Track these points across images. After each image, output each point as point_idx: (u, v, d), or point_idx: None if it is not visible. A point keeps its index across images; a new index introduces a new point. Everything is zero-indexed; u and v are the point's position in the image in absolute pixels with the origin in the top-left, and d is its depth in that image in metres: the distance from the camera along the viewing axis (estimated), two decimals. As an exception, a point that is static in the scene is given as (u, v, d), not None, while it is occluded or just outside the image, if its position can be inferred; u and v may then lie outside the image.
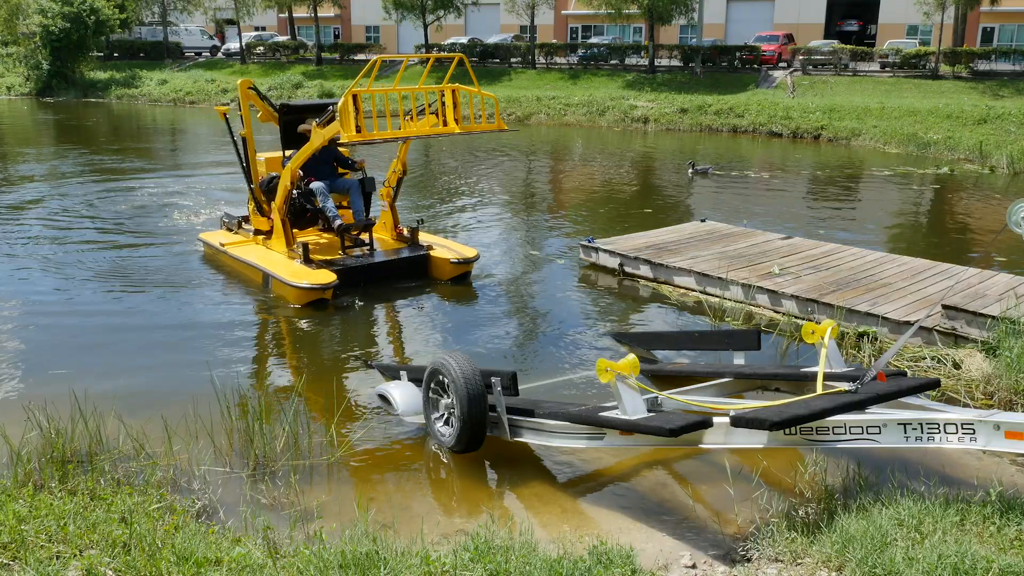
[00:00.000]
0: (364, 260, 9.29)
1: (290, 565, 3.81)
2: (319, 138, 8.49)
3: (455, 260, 9.48)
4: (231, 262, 9.89)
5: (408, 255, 9.58)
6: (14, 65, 46.13)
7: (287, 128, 9.77)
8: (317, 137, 8.51)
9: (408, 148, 9.92)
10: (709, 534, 4.60)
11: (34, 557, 3.75)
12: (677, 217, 13.73)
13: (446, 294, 9.25)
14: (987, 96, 28.92)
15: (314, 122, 8.57)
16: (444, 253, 9.59)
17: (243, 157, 9.90)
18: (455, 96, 8.52)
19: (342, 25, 60.27)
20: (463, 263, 9.55)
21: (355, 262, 9.19)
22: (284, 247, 9.41)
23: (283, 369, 7.11)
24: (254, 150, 9.85)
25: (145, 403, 6.15)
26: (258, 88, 9.64)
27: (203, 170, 19.24)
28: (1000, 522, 4.14)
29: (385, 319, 8.62)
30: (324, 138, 8.43)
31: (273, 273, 8.86)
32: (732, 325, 8.07)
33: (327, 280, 8.53)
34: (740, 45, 38.31)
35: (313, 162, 9.34)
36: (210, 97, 40.84)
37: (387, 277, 9.35)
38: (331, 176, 9.81)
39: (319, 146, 8.69)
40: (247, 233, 10.31)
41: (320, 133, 8.42)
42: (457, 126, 8.44)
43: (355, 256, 9.39)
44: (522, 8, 42.61)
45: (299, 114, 9.75)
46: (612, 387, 4.84)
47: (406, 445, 5.74)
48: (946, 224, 14.29)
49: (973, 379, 6.48)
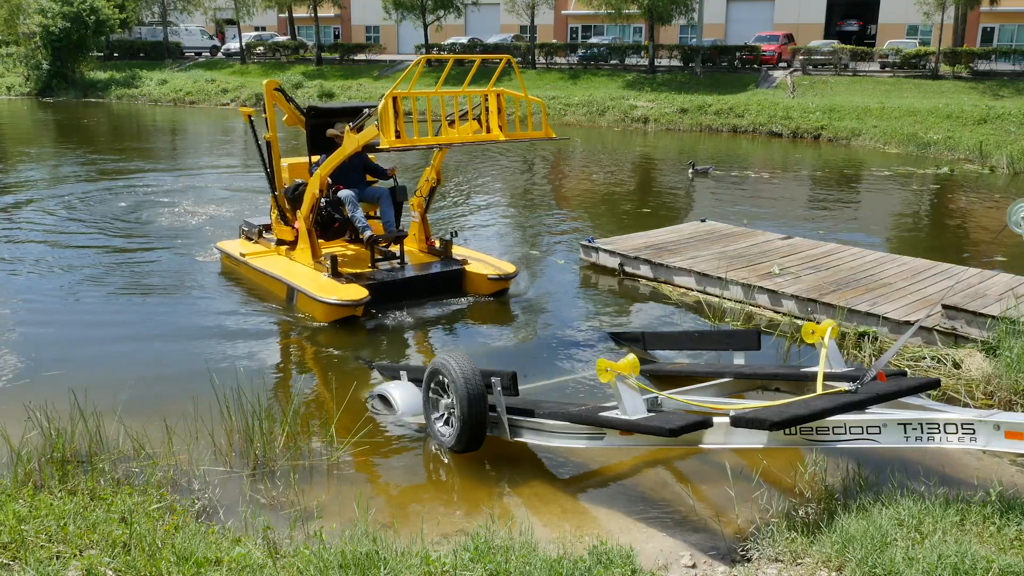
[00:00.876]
0: (396, 274, 8.71)
1: (290, 565, 3.81)
2: (352, 144, 7.93)
3: (493, 276, 8.83)
4: (251, 274, 9.32)
5: (443, 270, 8.98)
6: (14, 65, 46.13)
7: (314, 132, 9.21)
8: (350, 143, 7.95)
9: (444, 156, 9.32)
10: (709, 534, 4.60)
11: (34, 557, 3.75)
12: (677, 217, 13.74)
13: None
14: (987, 96, 28.92)
15: (347, 126, 8.05)
16: (481, 268, 8.96)
17: (267, 162, 9.26)
18: (500, 101, 7.98)
19: (342, 25, 60.28)
20: (501, 279, 8.87)
21: (386, 276, 8.60)
22: (309, 259, 8.82)
23: (283, 369, 7.11)
24: (279, 155, 9.24)
25: (145, 403, 6.15)
26: (284, 89, 9.10)
27: (203, 170, 19.23)
28: (1000, 522, 4.14)
29: (384, 320, 8.61)
30: (358, 144, 7.86)
31: (299, 287, 8.30)
32: (732, 325, 8.07)
33: (358, 296, 7.96)
34: (740, 45, 38.32)
35: (342, 169, 8.76)
36: (210, 97, 40.87)
37: (419, 293, 8.73)
38: (360, 184, 9.28)
39: (351, 152, 8.11)
40: (268, 243, 9.69)
41: (354, 138, 7.88)
42: (502, 133, 7.92)
43: (385, 270, 8.80)
44: (522, 8, 42.61)
45: (327, 118, 9.23)
46: (612, 387, 4.84)
47: (406, 445, 5.74)
48: (946, 224, 14.29)
49: (973, 379, 6.48)
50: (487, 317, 8.54)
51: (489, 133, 7.95)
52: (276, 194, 9.26)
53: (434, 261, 9.21)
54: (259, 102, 39.41)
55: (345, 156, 8.20)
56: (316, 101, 38.27)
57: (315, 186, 8.54)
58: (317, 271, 8.65)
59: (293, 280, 8.48)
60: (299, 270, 8.77)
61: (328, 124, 9.14)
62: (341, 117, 9.10)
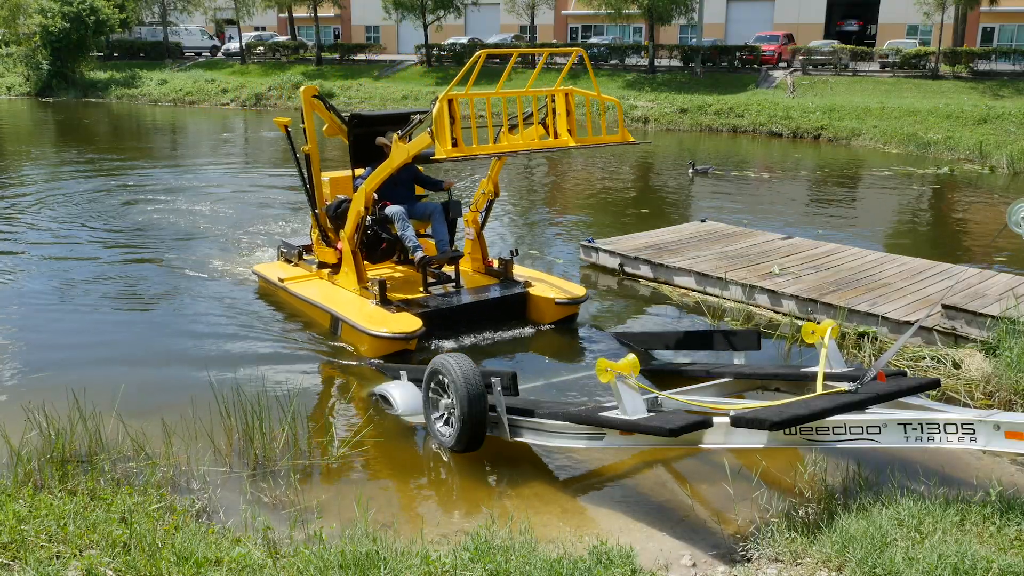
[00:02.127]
0: (452, 300, 7.80)
1: (290, 565, 3.81)
2: (401, 155, 7.08)
3: (561, 300, 7.88)
4: (291, 301, 8.43)
5: (503, 294, 8.02)
6: (14, 65, 46.13)
7: (357, 143, 8.34)
8: (399, 152, 7.09)
9: (503, 165, 8.46)
10: (709, 534, 4.61)
11: (34, 557, 3.75)
12: (677, 217, 13.74)
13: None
14: (987, 96, 28.92)
15: (395, 135, 7.21)
16: (546, 291, 8.02)
17: (306, 177, 8.38)
18: (569, 101, 7.09)
19: (342, 25, 60.28)
20: (570, 303, 7.94)
21: (442, 303, 7.72)
22: (355, 283, 7.92)
23: (283, 369, 7.11)
24: (319, 169, 8.36)
25: (145, 403, 6.15)
26: (323, 96, 8.24)
27: (203, 171, 19.24)
28: (1000, 522, 4.14)
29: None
30: (408, 154, 7.02)
31: (344, 317, 7.43)
32: (732, 325, 8.06)
33: (412, 328, 7.05)
34: (740, 45, 38.30)
35: (389, 183, 7.83)
36: (210, 97, 40.87)
37: (477, 320, 7.83)
38: (410, 199, 8.39)
39: (400, 164, 7.25)
40: (309, 266, 8.76)
41: (403, 148, 7.04)
42: (572, 138, 7.02)
43: (439, 295, 7.91)
44: (522, 8, 42.62)
45: (372, 126, 8.37)
46: (612, 387, 4.85)
47: (406, 445, 5.74)
48: (946, 224, 14.30)
49: (973, 379, 6.49)
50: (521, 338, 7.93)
51: (557, 138, 7.05)
52: (317, 212, 8.43)
53: (493, 284, 8.26)
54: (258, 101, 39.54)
55: (393, 168, 7.34)
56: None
57: (360, 202, 7.67)
58: (363, 298, 7.77)
59: (337, 309, 7.62)
60: (343, 297, 7.90)
61: (373, 133, 8.34)
62: (387, 125, 8.32)
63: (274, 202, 14.93)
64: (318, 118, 8.23)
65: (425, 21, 43.22)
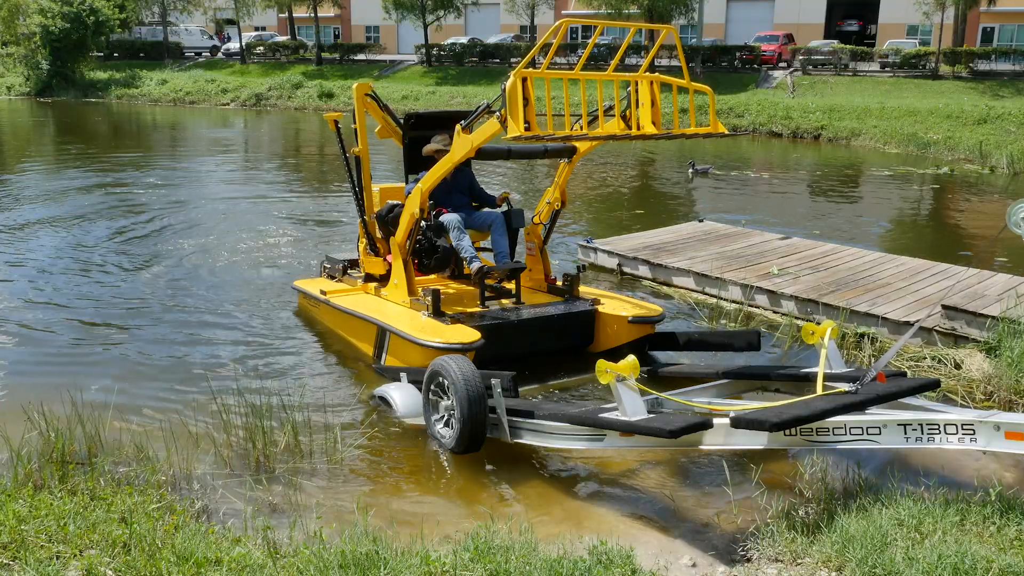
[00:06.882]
0: (511, 315, 7.03)
1: (290, 565, 3.81)
2: (465, 145, 6.24)
3: (633, 318, 7.10)
4: (332, 316, 7.75)
5: (568, 310, 7.23)
6: (14, 65, 46.17)
7: (413, 146, 7.64)
8: (462, 144, 6.25)
9: (572, 170, 7.89)
10: (709, 534, 4.61)
11: (34, 557, 3.75)
12: (676, 217, 13.74)
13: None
14: (987, 96, 28.93)
15: (458, 126, 6.35)
16: (617, 308, 7.27)
17: (355, 181, 7.66)
18: (653, 90, 6.37)
19: (342, 25, 60.31)
20: (644, 322, 7.13)
21: (500, 317, 6.95)
22: (405, 295, 7.15)
23: (284, 369, 7.10)
24: (369, 173, 7.65)
25: (145, 403, 6.15)
26: (377, 95, 7.58)
27: (203, 171, 19.24)
28: (1000, 522, 4.15)
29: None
30: (473, 145, 6.20)
31: (393, 328, 6.72)
32: (731, 326, 8.06)
33: (469, 339, 6.31)
34: (740, 45, 38.34)
35: (445, 189, 7.25)
36: (210, 97, 40.89)
37: (540, 339, 7.15)
38: (466, 207, 7.64)
39: (463, 157, 6.44)
40: (354, 280, 7.97)
41: (466, 139, 6.21)
42: (656, 129, 6.30)
43: (497, 310, 7.14)
44: (522, 8, 42.65)
45: (430, 128, 7.58)
46: (612, 388, 4.84)
47: (406, 445, 5.74)
48: (946, 224, 14.30)
49: (973, 379, 6.49)
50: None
51: (640, 129, 6.26)
52: (366, 219, 7.69)
53: (556, 300, 7.50)
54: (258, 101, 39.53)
55: (454, 164, 6.57)
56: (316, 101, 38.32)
57: (415, 203, 6.88)
58: (415, 310, 7.03)
59: (385, 320, 6.91)
60: (392, 309, 7.16)
61: (432, 136, 7.51)
62: (446, 125, 7.26)
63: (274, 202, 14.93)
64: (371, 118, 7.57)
65: (425, 21, 43.27)
